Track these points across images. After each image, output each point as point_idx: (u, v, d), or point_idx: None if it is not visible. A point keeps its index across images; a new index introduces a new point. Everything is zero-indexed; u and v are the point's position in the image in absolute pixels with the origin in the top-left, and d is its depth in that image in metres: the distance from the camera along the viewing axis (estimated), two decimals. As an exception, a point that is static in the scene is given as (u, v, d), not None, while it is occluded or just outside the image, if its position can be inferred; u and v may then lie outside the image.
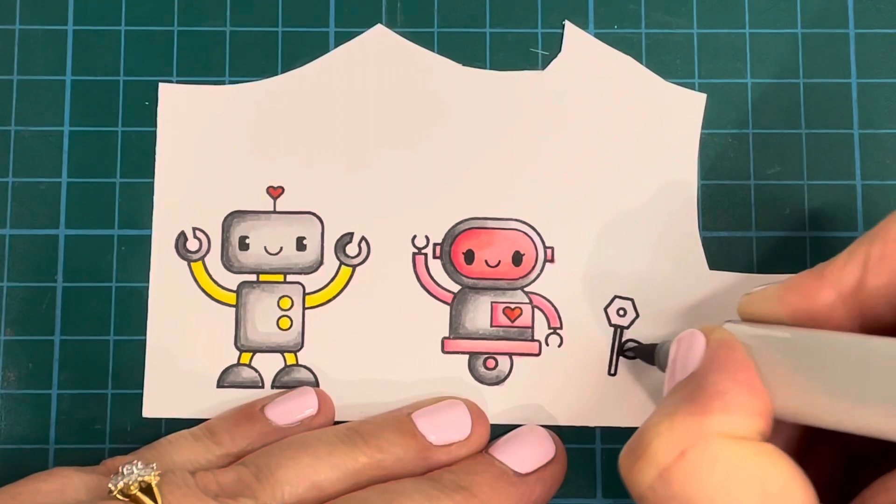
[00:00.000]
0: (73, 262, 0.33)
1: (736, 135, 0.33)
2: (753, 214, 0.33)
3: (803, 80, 0.33)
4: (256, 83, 0.33)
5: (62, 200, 0.33)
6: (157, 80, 0.33)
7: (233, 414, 0.31)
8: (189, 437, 0.30)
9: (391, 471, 0.29)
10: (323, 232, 0.33)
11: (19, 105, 0.33)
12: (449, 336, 0.32)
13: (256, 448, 0.30)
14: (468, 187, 0.33)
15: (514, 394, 0.32)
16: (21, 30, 0.34)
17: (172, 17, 0.34)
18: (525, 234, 0.32)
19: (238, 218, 0.33)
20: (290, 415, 0.31)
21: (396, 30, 0.33)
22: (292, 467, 0.28)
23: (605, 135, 0.33)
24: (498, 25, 0.34)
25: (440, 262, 0.33)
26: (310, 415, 0.31)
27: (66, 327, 0.32)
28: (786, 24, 0.34)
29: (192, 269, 0.33)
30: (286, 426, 0.30)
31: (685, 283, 0.32)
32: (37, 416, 0.32)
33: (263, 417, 0.30)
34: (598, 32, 0.33)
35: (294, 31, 0.34)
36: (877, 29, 0.33)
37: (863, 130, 0.33)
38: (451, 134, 0.33)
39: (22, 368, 0.32)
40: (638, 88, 0.33)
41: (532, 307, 0.32)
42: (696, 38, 0.33)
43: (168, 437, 0.30)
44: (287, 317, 0.32)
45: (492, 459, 0.30)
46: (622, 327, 0.32)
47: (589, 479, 0.32)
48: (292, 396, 0.31)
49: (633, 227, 0.32)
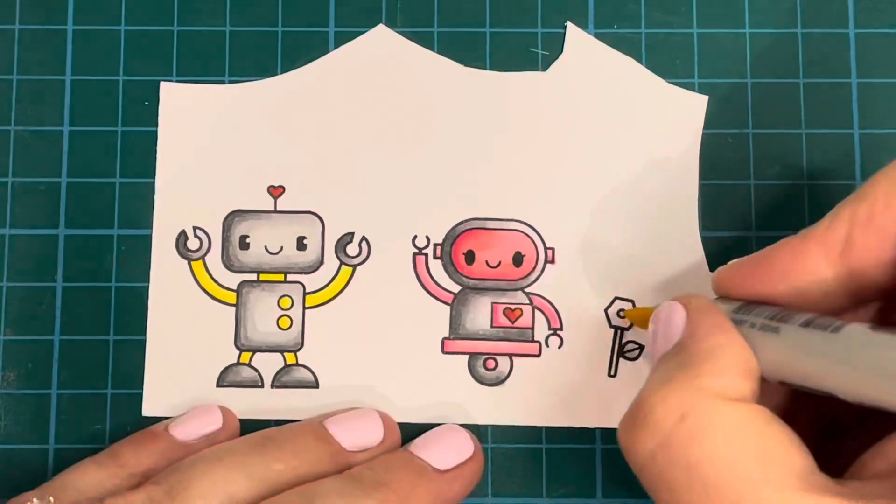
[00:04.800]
0: (73, 262, 0.33)
1: (736, 135, 0.33)
2: (753, 214, 0.33)
3: (803, 79, 0.33)
4: (257, 83, 0.33)
5: (62, 200, 0.33)
6: (157, 80, 0.33)
7: (136, 436, 0.31)
8: (92, 464, 0.30)
9: (306, 477, 0.29)
10: (323, 231, 0.33)
11: (19, 105, 0.33)
12: (449, 336, 0.32)
13: (163, 467, 0.29)
14: (469, 188, 0.33)
15: (514, 394, 0.32)
16: (21, 30, 0.34)
17: (172, 17, 0.34)
18: (526, 234, 0.32)
19: (239, 217, 0.33)
20: (194, 432, 0.30)
21: (396, 30, 0.33)
22: (205, 481, 0.28)
23: (607, 136, 0.33)
24: (498, 25, 0.34)
25: (441, 262, 0.33)
26: (214, 430, 0.31)
27: (65, 327, 0.32)
28: (786, 24, 0.34)
29: (192, 268, 0.33)
30: (191, 442, 0.30)
31: (685, 284, 0.32)
32: (37, 416, 0.32)
33: (167, 436, 0.30)
34: (598, 32, 0.33)
35: (294, 31, 0.34)
36: (877, 29, 0.33)
37: (863, 130, 0.33)
38: (451, 134, 0.33)
39: (22, 368, 0.32)
40: (640, 90, 0.33)
41: (532, 308, 0.32)
42: (696, 38, 0.33)
43: (70, 468, 0.30)
44: (287, 316, 0.32)
45: (410, 456, 0.30)
46: (622, 328, 0.32)
47: (589, 479, 0.32)
48: (196, 414, 0.31)
49: (634, 228, 0.32)
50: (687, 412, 0.23)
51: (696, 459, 0.23)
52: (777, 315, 0.25)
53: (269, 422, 0.32)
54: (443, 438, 0.31)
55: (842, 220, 0.25)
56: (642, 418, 0.24)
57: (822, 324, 0.24)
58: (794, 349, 0.24)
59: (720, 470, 0.23)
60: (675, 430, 0.23)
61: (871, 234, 0.24)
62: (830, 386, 0.23)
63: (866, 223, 0.24)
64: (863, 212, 0.24)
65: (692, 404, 0.23)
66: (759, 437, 0.23)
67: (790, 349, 0.24)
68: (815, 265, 0.25)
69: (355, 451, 0.30)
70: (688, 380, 0.24)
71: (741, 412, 0.23)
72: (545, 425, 0.32)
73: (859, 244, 0.24)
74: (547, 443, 0.32)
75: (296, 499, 0.28)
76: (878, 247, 0.24)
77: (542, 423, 0.32)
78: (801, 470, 0.22)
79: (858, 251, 0.24)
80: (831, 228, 0.25)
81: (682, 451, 0.23)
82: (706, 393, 0.24)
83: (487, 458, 0.32)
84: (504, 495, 0.32)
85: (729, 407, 0.23)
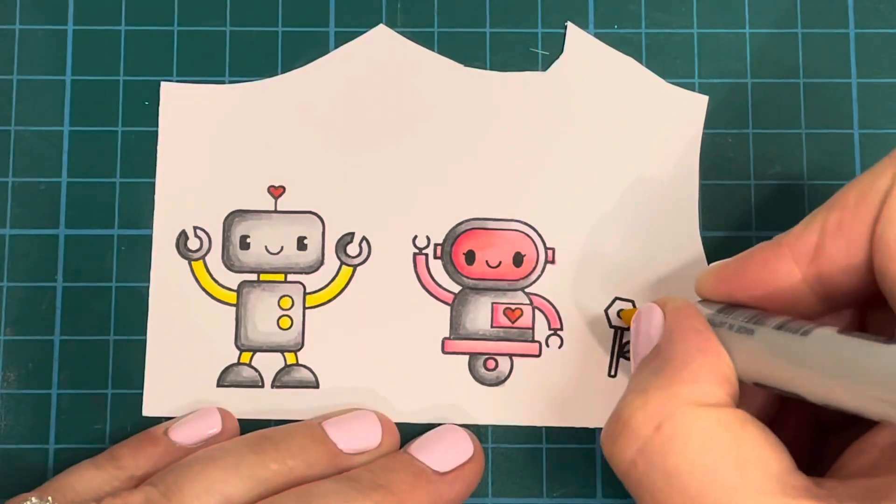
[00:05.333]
0: (73, 262, 0.33)
1: (736, 135, 0.33)
2: (753, 214, 0.33)
3: (803, 79, 0.33)
4: (257, 83, 0.33)
5: (62, 200, 0.33)
6: (157, 80, 0.33)
7: (135, 439, 0.31)
8: (91, 465, 0.30)
9: (303, 477, 0.29)
10: (324, 231, 0.33)
11: (19, 105, 0.33)
12: (449, 336, 0.32)
13: (162, 469, 0.29)
14: (469, 188, 0.33)
15: (514, 394, 0.32)
16: (21, 30, 0.34)
17: (172, 17, 0.34)
18: (526, 234, 0.33)
19: (239, 217, 0.33)
20: (193, 435, 0.30)
21: (396, 30, 0.33)
22: (201, 482, 0.28)
23: (607, 136, 0.33)
24: (498, 25, 0.34)
25: (441, 262, 0.33)
26: (214, 433, 0.31)
27: (66, 327, 0.32)
28: (786, 24, 0.34)
29: (192, 268, 0.33)
30: (190, 445, 0.30)
31: (686, 284, 0.32)
32: (37, 416, 0.32)
33: (167, 439, 0.30)
34: (598, 32, 0.33)
35: (294, 31, 0.34)
36: (877, 29, 0.33)
37: (863, 130, 0.33)
38: (451, 134, 0.33)
39: (22, 368, 0.32)
40: (640, 90, 0.33)
41: (533, 308, 0.32)
42: (696, 38, 0.33)
43: (69, 469, 0.30)
44: (287, 316, 0.32)
45: (410, 458, 0.30)
46: (623, 328, 0.32)
47: (589, 479, 0.32)
48: (195, 418, 0.31)
49: (634, 229, 0.32)
50: (663, 420, 0.24)
51: (673, 467, 0.23)
52: (753, 318, 0.25)
53: (270, 422, 0.32)
54: (442, 439, 0.31)
55: (813, 229, 0.25)
56: (621, 426, 0.24)
57: (794, 327, 0.24)
58: (765, 351, 0.24)
59: (697, 477, 0.23)
60: (653, 439, 0.24)
61: (840, 243, 0.24)
62: (798, 388, 0.23)
63: (836, 231, 0.24)
64: (833, 220, 0.25)
65: (668, 412, 0.24)
66: (735, 442, 0.23)
67: (762, 351, 0.24)
68: (787, 271, 0.25)
69: (352, 454, 0.30)
70: (663, 388, 0.24)
71: (716, 418, 0.24)
72: (545, 425, 0.32)
73: (829, 252, 0.25)
74: (547, 443, 0.32)
75: (293, 500, 0.28)
76: (848, 255, 0.24)
77: (542, 423, 0.32)
78: (778, 472, 0.23)
79: (828, 259, 0.25)
80: (802, 236, 0.25)
81: (660, 459, 0.23)
82: (681, 400, 0.24)
83: (487, 459, 0.32)
84: (504, 495, 0.32)
85: (704, 413, 0.24)
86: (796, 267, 0.25)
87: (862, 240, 0.24)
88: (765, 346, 0.24)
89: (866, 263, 0.24)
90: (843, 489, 0.23)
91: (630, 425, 0.24)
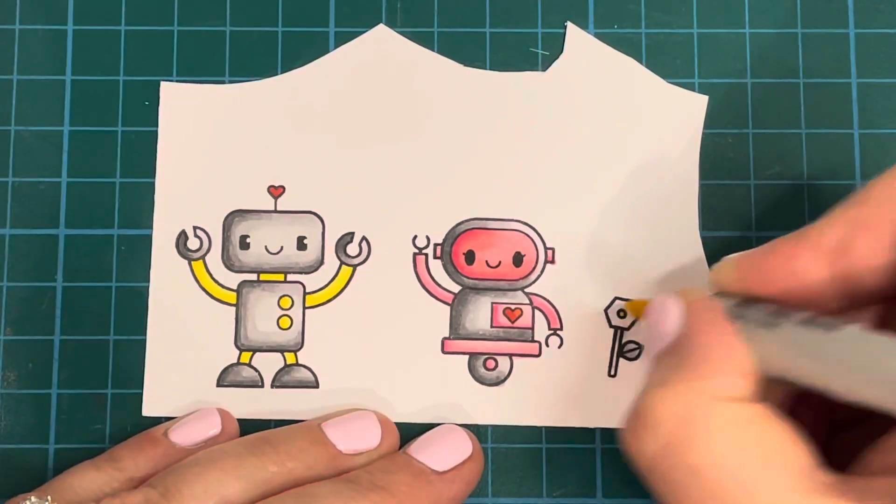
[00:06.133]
0: (73, 262, 0.33)
1: (736, 135, 0.33)
2: (753, 214, 0.33)
3: (803, 80, 0.33)
4: (257, 83, 0.33)
5: (62, 200, 0.33)
6: (157, 80, 0.33)
7: (135, 440, 0.31)
8: (91, 466, 0.30)
9: (302, 479, 0.29)
10: (324, 231, 0.33)
11: (19, 105, 0.33)
12: (449, 336, 0.32)
13: (161, 470, 0.29)
14: (469, 188, 0.33)
15: (514, 394, 0.32)
16: (21, 30, 0.34)
17: (172, 17, 0.34)
18: (526, 234, 0.33)
19: (239, 217, 0.33)
20: (193, 437, 0.30)
21: (396, 30, 0.33)
22: (200, 483, 0.28)
23: (607, 136, 0.33)
24: (498, 25, 0.34)
25: (441, 262, 0.33)
26: (213, 434, 0.31)
27: (66, 327, 0.32)
28: (786, 24, 0.34)
29: (192, 267, 0.33)
30: (190, 446, 0.30)
31: (685, 284, 0.32)
32: (37, 416, 0.32)
33: (167, 441, 0.30)
34: (598, 32, 0.33)
35: (294, 31, 0.34)
36: (877, 29, 0.33)
37: (863, 130, 0.33)
38: (451, 134, 0.33)
39: (22, 368, 0.32)
40: (640, 90, 0.33)
41: (532, 308, 0.32)
42: (696, 38, 0.33)
43: (68, 470, 0.30)
44: (287, 316, 0.32)
45: (409, 458, 0.30)
46: (623, 328, 0.32)
47: (589, 479, 0.32)
48: (195, 419, 0.31)
49: (634, 228, 0.32)
50: (686, 415, 0.23)
51: (697, 463, 0.23)
52: (776, 312, 0.25)
53: (270, 422, 0.32)
54: (441, 439, 0.30)
55: (836, 225, 0.25)
56: (643, 421, 0.24)
57: (820, 323, 0.24)
58: (790, 346, 0.24)
59: (722, 473, 0.23)
60: (676, 434, 0.23)
61: (863, 240, 0.24)
62: (824, 384, 0.23)
63: (860, 228, 0.24)
64: (857, 217, 0.24)
65: (691, 407, 0.23)
66: (760, 438, 0.23)
67: (787, 346, 0.24)
68: (809, 267, 0.25)
69: (352, 455, 0.30)
70: (686, 381, 0.24)
71: (740, 413, 0.23)
72: (545, 425, 0.32)
73: (852, 249, 0.24)
74: (547, 443, 0.32)
75: (292, 501, 0.28)
76: (872, 252, 0.24)
77: (542, 423, 0.32)
78: (803, 469, 0.22)
79: (852, 256, 0.24)
80: (826, 232, 0.25)
81: (684, 454, 0.23)
82: (704, 395, 0.24)
83: (487, 458, 0.32)
84: (504, 495, 0.32)
85: (728, 408, 0.23)
86: (819, 263, 0.25)
87: (886, 237, 0.24)
88: (790, 341, 0.24)
89: (890, 260, 0.24)
90: (870, 486, 0.22)
91: (651, 420, 0.24)
